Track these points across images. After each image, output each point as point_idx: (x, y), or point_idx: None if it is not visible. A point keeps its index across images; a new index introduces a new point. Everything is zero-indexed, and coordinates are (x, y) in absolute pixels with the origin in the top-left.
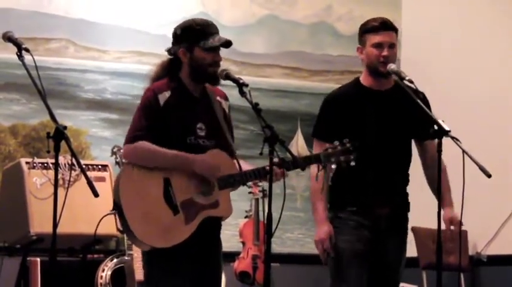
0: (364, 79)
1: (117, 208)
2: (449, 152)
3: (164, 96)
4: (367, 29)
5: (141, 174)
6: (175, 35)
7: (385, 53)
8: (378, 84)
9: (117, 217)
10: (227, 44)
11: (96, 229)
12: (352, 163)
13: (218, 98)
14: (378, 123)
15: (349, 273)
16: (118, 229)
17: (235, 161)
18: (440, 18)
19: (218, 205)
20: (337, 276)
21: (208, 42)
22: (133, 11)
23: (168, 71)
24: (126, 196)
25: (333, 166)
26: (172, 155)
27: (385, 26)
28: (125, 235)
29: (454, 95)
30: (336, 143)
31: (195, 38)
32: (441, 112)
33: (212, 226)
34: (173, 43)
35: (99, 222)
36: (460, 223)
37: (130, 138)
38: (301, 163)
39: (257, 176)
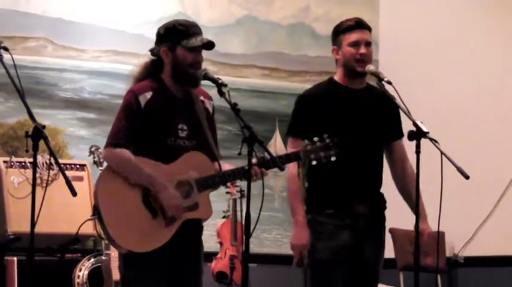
0: (339, 78)
1: (97, 212)
2: (427, 153)
3: (145, 97)
4: (342, 29)
5: (120, 178)
6: (158, 35)
7: (362, 50)
8: (352, 84)
9: (97, 221)
10: (209, 45)
11: (77, 231)
12: (333, 158)
13: (201, 97)
14: (352, 121)
15: (329, 282)
16: (98, 234)
17: (215, 162)
18: (418, 19)
19: (198, 207)
20: (314, 283)
21: (190, 41)
22: (111, 10)
23: (150, 71)
24: (104, 201)
25: (313, 163)
26: (145, 177)
27: (360, 24)
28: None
29: (432, 97)
30: (316, 139)
31: (177, 37)
32: (419, 114)
33: (192, 229)
34: (156, 43)
35: (81, 226)
36: (438, 232)
37: (112, 142)
38: (281, 162)
39: (236, 176)
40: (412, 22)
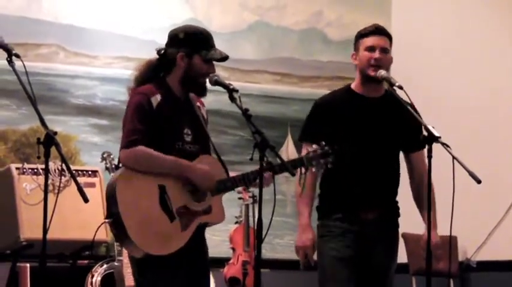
0: (356, 86)
1: (114, 216)
2: (439, 158)
3: (156, 99)
4: (361, 34)
5: (137, 182)
6: (176, 38)
7: (376, 55)
8: (368, 91)
9: (112, 225)
10: (225, 59)
11: (94, 236)
12: (330, 165)
13: (198, 103)
14: (365, 129)
15: (337, 282)
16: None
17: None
18: (430, 24)
19: (211, 210)
20: (323, 281)
21: (210, 53)
22: (122, 16)
23: (156, 72)
24: (123, 204)
25: (314, 169)
26: (171, 161)
27: (378, 30)
28: (115, 241)
29: (444, 102)
30: (315, 146)
31: (198, 45)
32: (431, 118)
33: (200, 231)
34: (170, 45)
35: (98, 229)
36: (450, 236)
37: (128, 143)
38: (289, 167)
39: (247, 181)
40: (423, 27)
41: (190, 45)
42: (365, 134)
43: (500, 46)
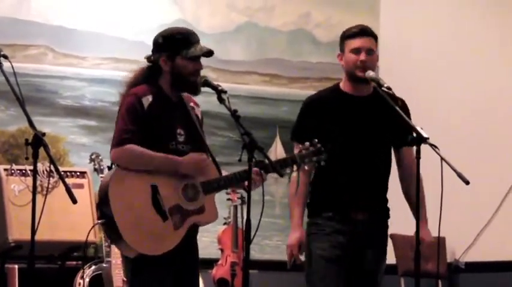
0: (344, 85)
1: (107, 217)
2: (427, 159)
3: (147, 100)
4: (346, 35)
5: (129, 182)
6: (156, 43)
7: (362, 57)
8: (356, 90)
9: (104, 226)
10: (209, 53)
11: (87, 236)
12: (323, 163)
13: (191, 104)
14: (354, 128)
15: (325, 281)
16: (106, 239)
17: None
18: (419, 25)
19: (204, 210)
20: (313, 284)
21: (190, 51)
22: (112, 18)
23: (147, 77)
24: (116, 205)
25: (306, 167)
26: (161, 158)
27: (364, 31)
28: (103, 242)
29: (433, 102)
30: (307, 144)
31: (177, 47)
32: (420, 119)
33: (191, 232)
34: (154, 51)
35: (90, 230)
36: (439, 238)
37: (118, 142)
38: (280, 166)
39: (239, 180)
40: (412, 28)
41: (170, 48)
42: (354, 131)
43: (491, 48)
